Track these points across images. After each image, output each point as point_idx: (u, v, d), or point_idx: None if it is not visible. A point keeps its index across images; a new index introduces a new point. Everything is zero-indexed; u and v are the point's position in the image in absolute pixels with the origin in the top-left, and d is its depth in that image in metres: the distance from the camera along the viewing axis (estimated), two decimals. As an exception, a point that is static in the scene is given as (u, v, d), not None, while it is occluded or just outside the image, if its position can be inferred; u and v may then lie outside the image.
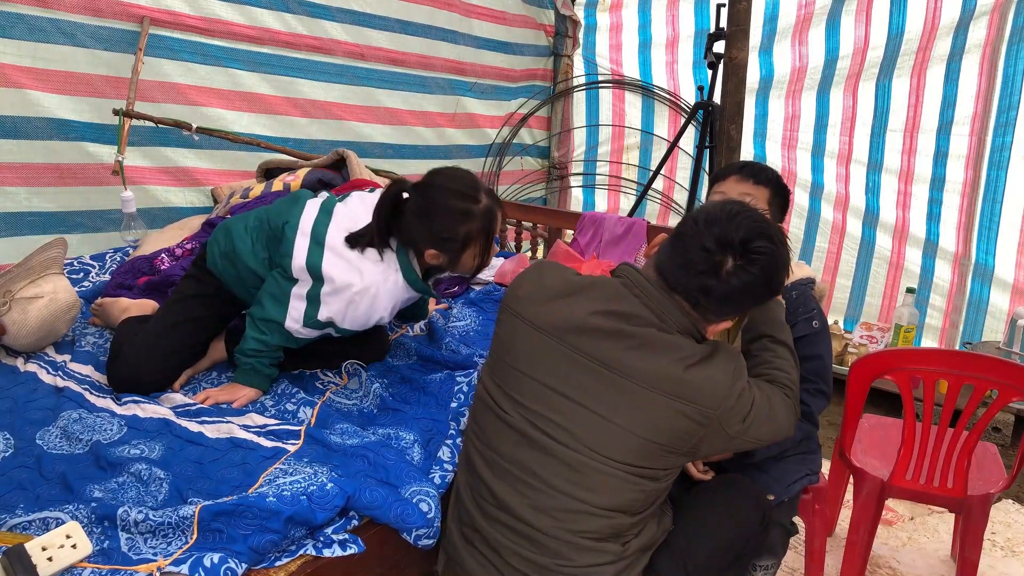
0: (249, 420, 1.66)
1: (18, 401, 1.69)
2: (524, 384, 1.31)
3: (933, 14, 3.20)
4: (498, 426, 1.34)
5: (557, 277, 1.37)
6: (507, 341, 1.36)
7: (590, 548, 1.26)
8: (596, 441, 1.26)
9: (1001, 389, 1.73)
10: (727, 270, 1.24)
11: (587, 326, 1.28)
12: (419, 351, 1.98)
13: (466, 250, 1.71)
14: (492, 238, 1.72)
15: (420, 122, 3.88)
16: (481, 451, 1.37)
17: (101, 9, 2.61)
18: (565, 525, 1.26)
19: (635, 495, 1.28)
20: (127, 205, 2.61)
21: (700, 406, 1.24)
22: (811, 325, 1.63)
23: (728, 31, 2.51)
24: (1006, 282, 3.25)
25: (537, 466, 1.28)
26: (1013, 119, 3.11)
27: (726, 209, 1.28)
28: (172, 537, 1.24)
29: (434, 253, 1.71)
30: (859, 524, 1.89)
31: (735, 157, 2.66)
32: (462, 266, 1.75)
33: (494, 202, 1.72)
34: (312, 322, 1.69)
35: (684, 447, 1.28)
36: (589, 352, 1.28)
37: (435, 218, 1.67)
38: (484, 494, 1.34)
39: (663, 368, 1.25)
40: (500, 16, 4.15)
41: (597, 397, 1.26)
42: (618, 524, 1.28)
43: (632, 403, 1.25)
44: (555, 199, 4.71)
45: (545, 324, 1.31)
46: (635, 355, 1.26)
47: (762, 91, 3.78)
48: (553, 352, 1.30)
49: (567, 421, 1.27)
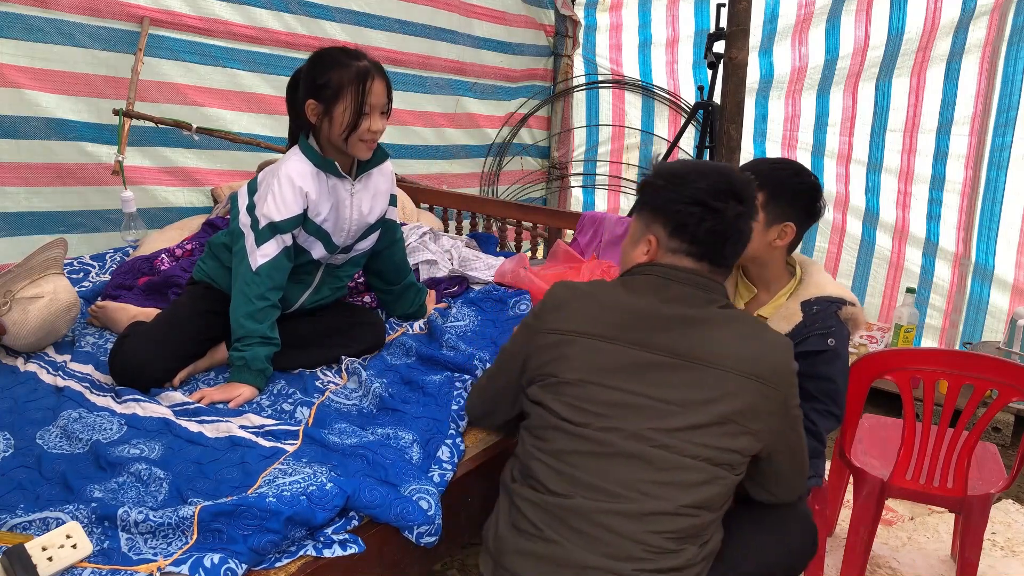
0: (247, 420, 1.66)
1: (18, 401, 1.69)
2: (595, 394, 1.29)
3: (933, 14, 3.20)
4: (570, 438, 1.30)
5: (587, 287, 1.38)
6: (561, 359, 1.33)
7: (672, 550, 1.23)
8: (678, 434, 1.25)
9: (1001, 389, 1.73)
10: (733, 214, 1.30)
11: (647, 319, 1.30)
12: (419, 351, 1.98)
13: (338, 102, 1.77)
14: (364, 98, 1.77)
15: (420, 122, 3.88)
16: (551, 464, 1.30)
17: (100, 9, 2.61)
18: (650, 527, 1.23)
19: (717, 489, 1.26)
20: (127, 205, 2.61)
21: (770, 383, 1.26)
22: (825, 342, 1.56)
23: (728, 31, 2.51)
24: (1006, 282, 3.25)
25: (620, 472, 1.25)
26: (1013, 119, 3.11)
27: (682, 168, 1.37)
28: (172, 537, 1.24)
29: (312, 104, 1.79)
30: (859, 524, 1.89)
31: (735, 157, 2.66)
32: (334, 123, 1.79)
33: (375, 69, 1.80)
34: (260, 234, 1.79)
35: (759, 426, 1.27)
36: (655, 345, 1.28)
37: (316, 67, 1.79)
38: (559, 504, 1.27)
39: (733, 347, 1.26)
40: (500, 16, 4.15)
41: (672, 388, 1.26)
42: (699, 523, 1.26)
43: (708, 387, 1.25)
44: (555, 199, 4.71)
45: (601, 330, 1.31)
46: (703, 338, 1.27)
47: (762, 91, 3.78)
48: (617, 355, 1.29)
49: (647, 420, 1.26)
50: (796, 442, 1.36)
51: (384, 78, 1.82)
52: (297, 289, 1.96)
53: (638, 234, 1.40)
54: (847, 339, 1.62)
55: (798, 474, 1.41)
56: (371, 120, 1.80)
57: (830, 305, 1.59)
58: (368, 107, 1.78)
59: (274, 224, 1.80)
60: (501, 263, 2.51)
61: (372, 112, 1.80)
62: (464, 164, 4.25)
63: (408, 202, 3.26)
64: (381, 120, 1.83)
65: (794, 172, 1.63)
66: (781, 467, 1.37)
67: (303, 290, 1.98)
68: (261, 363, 1.77)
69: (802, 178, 1.62)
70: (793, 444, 1.36)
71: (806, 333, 1.57)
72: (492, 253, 2.86)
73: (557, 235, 3.16)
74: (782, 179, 1.60)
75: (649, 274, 1.35)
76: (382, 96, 1.82)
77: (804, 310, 1.59)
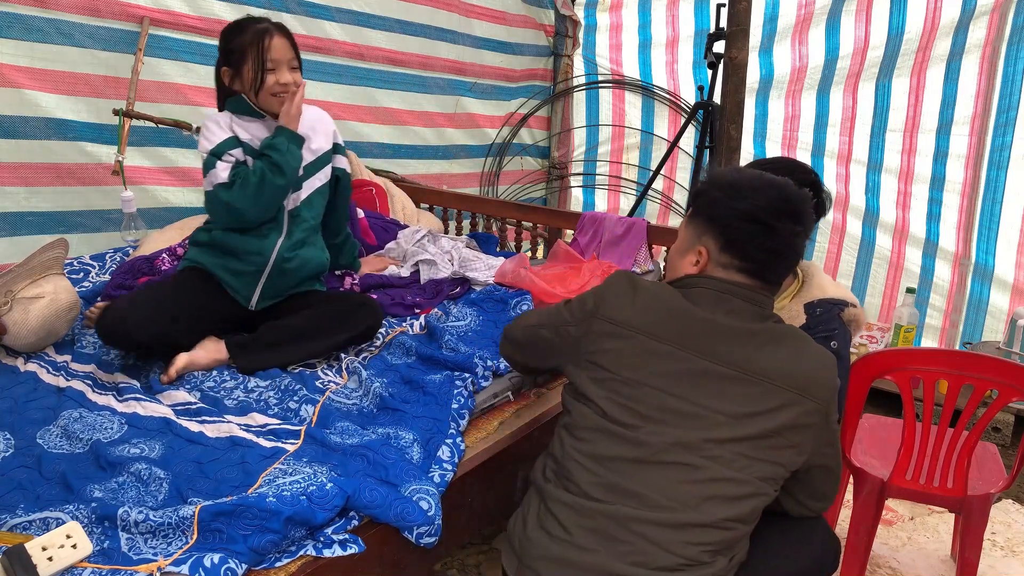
0: (251, 420, 1.66)
1: (18, 401, 1.69)
2: (649, 397, 1.27)
3: (933, 14, 3.20)
4: (613, 441, 1.28)
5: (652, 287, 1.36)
6: (614, 353, 1.31)
7: (703, 562, 1.22)
8: (728, 445, 1.23)
9: (1001, 389, 1.73)
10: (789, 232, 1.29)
11: (707, 329, 1.28)
12: (419, 350, 1.98)
13: (244, 62, 1.92)
14: (264, 55, 1.91)
15: (420, 122, 3.88)
16: (590, 467, 1.28)
17: (100, 9, 2.61)
18: (687, 537, 1.21)
19: (756, 504, 1.26)
20: (127, 205, 2.61)
21: (816, 398, 1.26)
22: (828, 345, 1.56)
23: (728, 31, 2.51)
24: (1006, 282, 3.25)
25: (663, 480, 1.23)
26: (1013, 119, 3.11)
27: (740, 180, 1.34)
28: (172, 537, 1.24)
29: (225, 70, 1.97)
30: (859, 524, 1.89)
31: (735, 157, 2.66)
32: (245, 82, 1.94)
33: (275, 27, 1.93)
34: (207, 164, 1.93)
35: (801, 439, 1.27)
36: (713, 354, 1.26)
37: (224, 37, 1.96)
38: (596, 510, 1.25)
39: (784, 363, 1.26)
40: (500, 16, 4.14)
41: (726, 400, 1.25)
42: (734, 536, 1.25)
43: (758, 400, 1.24)
44: (555, 199, 4.71)
45: (662, 332, 1.29)
46: (757, 352, 1.26)
47: (762, 91, 3.78)
48: (676, 360, 1.28)
49: (698, 430, 1.24)
50: (833, 456, 1.37)
51: (285, 34, 1.95)
52: (270, 239, 2.01)
53: (688, 243, 1.38)
54: (849, 341, 1.62)
55: (831, 486, 1.41)
56: (277, 75, 1.93)
57: (833, 307, 1.59)
58: (271, 62, 1.92)
59: (212, 151, 1.93)
60: (501, 263, 2.51)
61: (277, 67, 1.93)
62: (464, 164, 4.24)
63: (408, 202, 3.26)
64: (290, 74, 1.95)
65: (789, 171, 1.59)
66: (816, 480, 1.38)
67: (276, 237, 2.01)
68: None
69: (796, 177, 1.60)
70: (830, 458, 1.36)
71: (810, 335, 1.57)
72: (492, 253, 2.86)
73: (557, 235, 3.16)
74: None
75: (705, 287, 1.33)
76: (284, 51, 1.94)
77: (808, 312, 1.59)
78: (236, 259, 1.99)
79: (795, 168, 1.63)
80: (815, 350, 1.31)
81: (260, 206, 1.93)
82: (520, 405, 1.91)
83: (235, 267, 1.99)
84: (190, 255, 2.04)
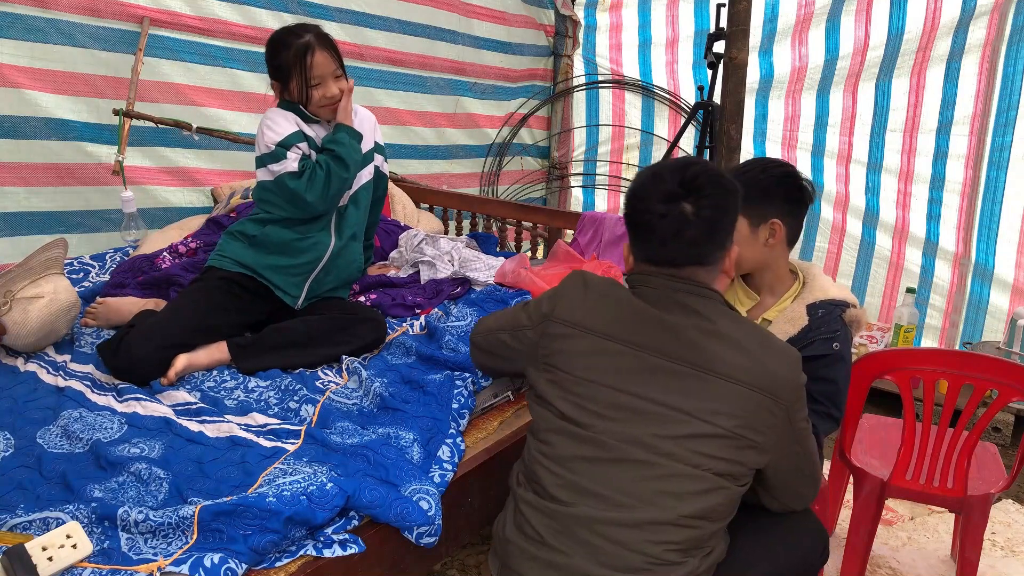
0: (251, 419, 1.66)
1: (18, 401, 1.69)
2: (602, 395, 1.28)
3: (933, 14, 3.20)
4: (572, 442, 1.29)
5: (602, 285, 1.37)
6: (568, 353, 1.33)
7: (671, 562, 1.22)
8: (683, 442, 1.23)
9: (1001, 389, 1.73)
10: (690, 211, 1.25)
11: (655, 325, 1.28)
12: (419, 350, 1.98)
13: (291, 79, 1.97)
14: (309, 72, 1.95)
15: (420, 122, 3.88)
16: (552, 469, 1.30)
17: (100, 9, 2.61)
18: (650, 536, 1.22)
19: (719, 499, 1.25)
20: (127, 205, 2.61)
21: (776, 396, 1.24)
22: (830, 346, 1.55)
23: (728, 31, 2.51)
24: (1006, 282, 3.25)
25: (620, 479, 1.24)
26: (1013, 119, 3.11)
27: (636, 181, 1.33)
28: (172, 537, 1.24)
29: (275, 84, 2.02)
30: (859, 524, 1.89)
31: (735, 157, 2.66)
32: (294, 96, 2.00)
33: (317, 40, 1.95)
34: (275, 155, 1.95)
35: (763, 439, 1.26)
36: (664, 351, 1.26)
37: (269, 52, 1.99)
38: (559, 512, 1.27)
39: (742, 359, 1.25)
40: (500, 16, 4.14)
41: (679, 396, 1.24)
42: (701, 534, 1.25)
43: (714, 397, 1.23)
44: (555, 199, 4.71)
45: (612, 330, 1.30)
46: (712, 347, 1.25)
47: (762, 91, 3.78)
48: (627, 357, 1.28)
49: (652, 426, 1.24)
50: (803, 456, 1.34)
51: (326, 46, 1.97)
52: (323, 236, 2.08)
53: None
54: (850, 342, 1.62)
55: (807, 484, 1.39)
56: (323, 88, 1.98)
57: (834, 308, 1.59)
58: (315, 79, 1.96)
59: (281, 142, 1.95)
60: (502, 263, 2.51)
61: (322, 82, 1.98)
62: (464, 164, 4.24)
63: (408, 202, 3.26)
64: (335, 85, 2.00)
65: (761, 169, 1.60)
66: (787, 479, 1.36)
67: (328, 235, 2.09)
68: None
69: (769, 172, 1.59)
70: (798, 458, 1.34)
71: (812, 337, 1.56)
72: (492, 253, 2.86)
73: (557, 235, 3.16)
74: (750, 180, 1.55)
75: (644, 285, 1.33)
76: (326, 65, 1.97)
77: (809, 314, 1.59)
78: (289, 256, 2.02)
79: (768, 164, 1.62)
80: (778, 347, 1.30)
81: (327, 197, 1.98)
82: (520, 405, 1.91)
83: (286, 264, 2.02)
84: (229, 252, 2.03)
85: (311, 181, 1.94)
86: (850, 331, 1.61)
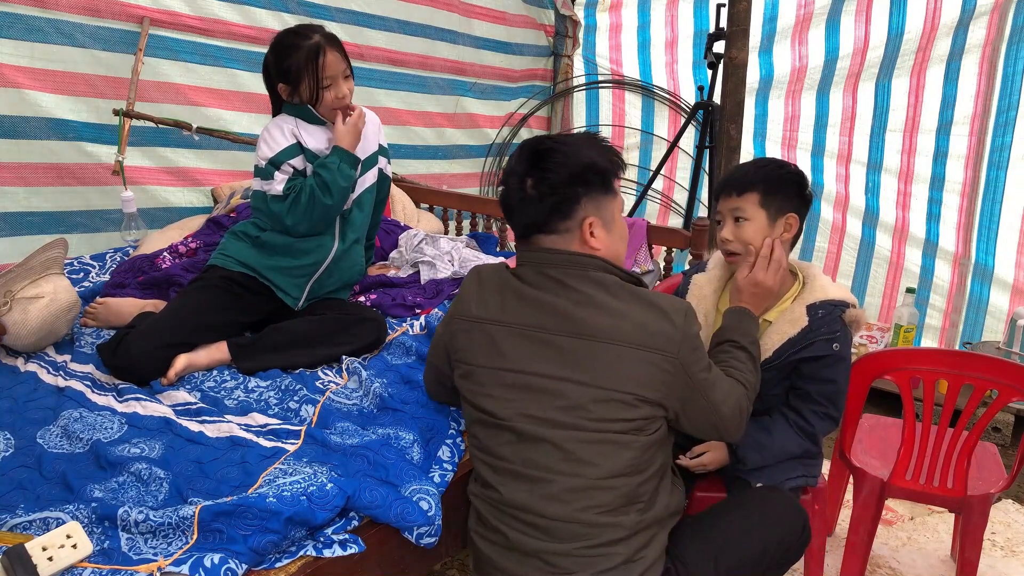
0: (251, 420, 1.66)
1: (19, 401, 1.69)
2: (499, 379, 1.35)
3: (933, 14, 3.20)
4: (490, 431, 1.37)
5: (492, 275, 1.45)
6: (470, 347, 1.41)
7: (606, 524, 1.27)
8: (576, 411, 1.29)
9: (1001, 389, 1.73)
10: (530, 184, 1.35)
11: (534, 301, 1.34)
12: (419, 351, 1.98)
13: (301, 81, 1.94)
14: (320, 73, 1.93)
15: (420, 122, 3.88)
16: (484, 459, 1.39)
17: (100, 9, 2.61)
18: (576, 505, 1.27)
19: (631, 454, 1.29)
20: (127, 205, 2.61)
21: (664, 351, 1.28)
22: (830, 347, 1.57)
23: (728, 31, 2.52)
24: (1006, 282, 3.25)
25: (535, 456, 1.31)
26: (1013, 119, 3.11)
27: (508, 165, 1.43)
28: (172, 537, 1.24)
29: (282, 86, 1.98)
30: (859, 524, 1.89)
31: (735, 157, 2.66)
32: (304, 98, 1.97)
33: (326, 41, 1.93)
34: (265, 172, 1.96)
35: (658, 396, 1.29)
36: (544, 325, 1.32)
37: (277, 54, 1.96)
38: (496, 498, 1.35)
39: (624, 320, 1.29)
40: (500, 16, 4.14)
41: (566, 366, 1.30)
42: (626, 491, 1.29)
43: (601, 361, 1.28)
44: (555, 199, 4.70)
45: (499, 315, 1.37)
46: (592, 313, 1.30)
47: (762, 91, 3.78)
48: (512, 337, 1.35)
49: (548, 400, 1.30)
50: (709, 404, 1.34)
51: (335, 46, 1.96)
52: (326, 239, 2.07)
53: None
54: (850, 342, 1.63)
55: (730, 419, 1.39)
56: (334, 89, 1.97)
57: (834, 309, 1.60)
58: (327, 79, 1.94)
59: (271, 159, 1.95)
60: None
61: (333, 82, 1.96)
62: (464, 164, 4.24)
63: (408, 202, 3.26)
64: (345, 84, 1.98)
65: (778, 165, 1.66)
66: (704, 422, 1.38)
67: (331, 239, 2.08)
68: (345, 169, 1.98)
69: (787, 169, 1.65)
70: (706, 406, 1.34)
71: (812, 338, 1.57)
72: (492, 253, 2.86)
73: (557, 235, 3.15)
74: (770, 174, 1.63)
75: (521, 264, 1.41)
76: (336, 65, 1.95)
77: (809, 314, 1.59)
78: (292, 258, 2.02)
79: (783, 162, 1.69)
80: (661, 304, 1.32)
81: (309, 223, 1.97)
82: (520, 405, 1.90)
83: (288, 266, 2.02)
84: (232, 251, 2.04)
85: (293, 205, 1.93)
86: (850, 331, 1.62)
